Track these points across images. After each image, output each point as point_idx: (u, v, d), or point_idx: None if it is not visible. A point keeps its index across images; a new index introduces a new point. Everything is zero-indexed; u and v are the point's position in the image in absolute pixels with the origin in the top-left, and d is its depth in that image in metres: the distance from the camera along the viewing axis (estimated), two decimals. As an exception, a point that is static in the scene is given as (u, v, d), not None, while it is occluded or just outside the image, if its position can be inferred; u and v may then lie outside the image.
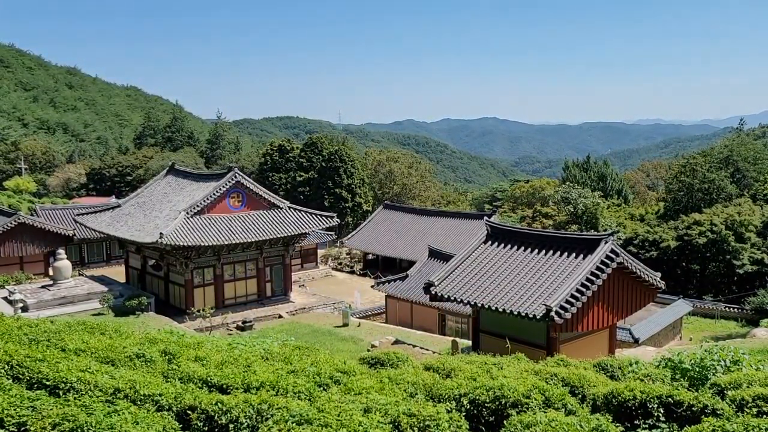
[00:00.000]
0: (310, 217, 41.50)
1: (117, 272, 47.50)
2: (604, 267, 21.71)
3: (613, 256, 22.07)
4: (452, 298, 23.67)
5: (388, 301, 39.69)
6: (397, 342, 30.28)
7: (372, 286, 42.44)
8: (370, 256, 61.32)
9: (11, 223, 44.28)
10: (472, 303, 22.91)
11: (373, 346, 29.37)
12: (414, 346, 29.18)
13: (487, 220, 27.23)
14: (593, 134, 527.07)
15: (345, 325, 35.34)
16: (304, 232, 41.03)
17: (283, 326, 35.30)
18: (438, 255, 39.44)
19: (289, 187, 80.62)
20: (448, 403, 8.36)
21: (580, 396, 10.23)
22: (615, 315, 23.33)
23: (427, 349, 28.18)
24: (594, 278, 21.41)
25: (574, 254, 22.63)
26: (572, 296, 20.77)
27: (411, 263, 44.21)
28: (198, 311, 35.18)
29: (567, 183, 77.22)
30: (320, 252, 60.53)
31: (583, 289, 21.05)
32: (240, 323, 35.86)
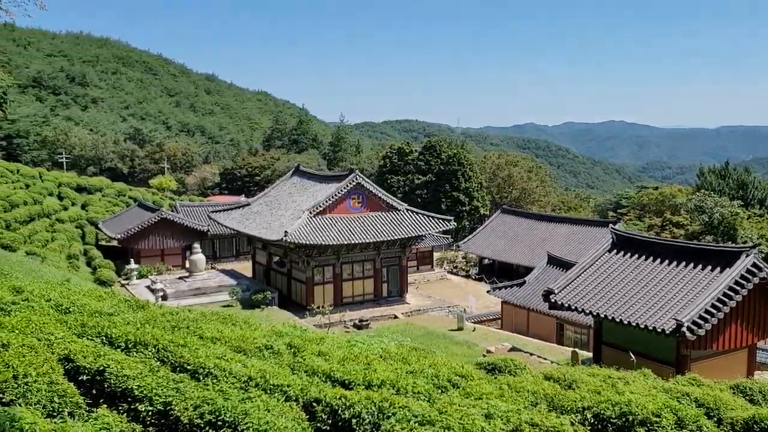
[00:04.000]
0: (427, 219, 41.70)
1: (244, 267, 50.21)
2: (744, 282, 20.11)
3: (756, 270, 20.39)
4: (573, 308, 22.90)
5: (503, 307, 39.04)
6: (513, 349, 29.72)
7: (487, 291, 41.91)
8: (485, 261, 60.58)
9: (155, 218, 48.18)
10: (595, 313, 22.03)
11: (488, 351, 29.01)
12: (531, 354, 28.50)
13: (612, 228, 26.08)
14: (732, 139, 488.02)
15: (459, 329, 35.17)
16: (420, 234, 41.31)
17: (398, 327, 35.70)
18: (557, 262, 38.27)
19: (407, 190, 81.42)
20: (571, 416, 8.13)
21: (715, 419, 9.56)
22: (755, 334, 21.53)
23: (545, 359, 27.43)
24: (732, 293, 19.89)
25: (709, 267, 21.14)
26: (706, 312, 19.42)
27: (528, 269, 43.20)
28: (317, 308, 36.38)
29: (701, 191, 72.07)
30: (436, 255, 60.61)
31: (720, 305, 19.61)
32: (357, 322, 36.69)
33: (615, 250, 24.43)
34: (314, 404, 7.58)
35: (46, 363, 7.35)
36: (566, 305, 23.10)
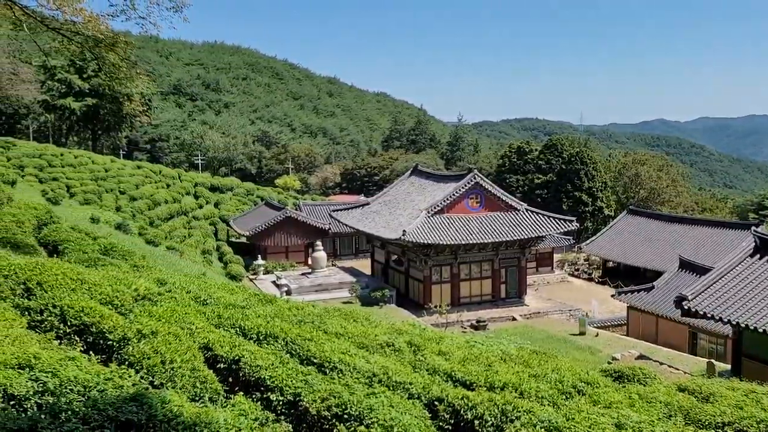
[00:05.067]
0: (548, 220, 40.58)
1: (363, 265, 51.35)
2: None
3: None
4: (709, 316, 21.35)
5: (629, 312, 37.16)
6: (640, 357, 28.24)
7: (612, 296, 40.06)
8: (610, 264, 57.97)
9: (280, 217, 50.49)
10: (734, 323, 20.42)
11: (614, 358, 27.77)
12: (660, 363, 26.94)
13: (754, 231, 24.03)
14: None
15: (581, 333, 33.93)
16: (540, 235, 40.28)
17: (517, 329, 35.02)
18: (690, 267, 35.90)
19: (526, 189, 79.69)
20: (710, 431, 7.61)
21: None
22: None
23: (677, 369, 25.83)
24: None
25: None
26: None
27: (657, 274, 40.82)
28: (435, 307, 36.49)
29: None
30: (556, 257, 58.79)
31: None
32: (474, 322, 36.41)
33: (758, 255, 22.50)
34: (436, 403, 7.63)
35: (189, 351, 7.94)
36: (701, 313, 21.58)
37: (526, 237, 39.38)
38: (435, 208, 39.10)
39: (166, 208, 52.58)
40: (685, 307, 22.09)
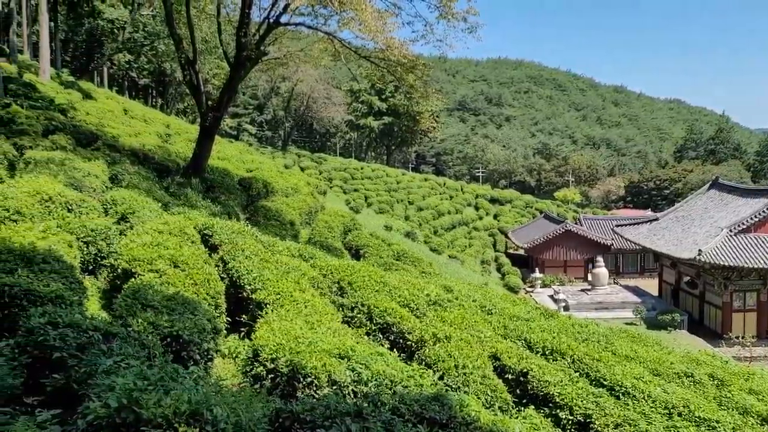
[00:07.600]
0: None
1: (649, 284, 47.60)
2: None
3: None
4: None
5: None
6: None
7: None
8: None
9: (559, 230, 49.53)
10: None
11: None
12: None
13: None
14: None
15: None
16: None
17: None
18: None
19: None
20: None
21: None
22: None
23: None
24: None
25: None
26: None
27: None
28: (736, 338, 32.31)
29: None
30: None
31: None
32: (789, 361, 31.22)
33: None
34: (750, 449, 6.79)
35: (479, 358, 8.30)
36: None
37: None
38: (740, 225, 34.63)
39: (448, 219, 55.33)
40: None
